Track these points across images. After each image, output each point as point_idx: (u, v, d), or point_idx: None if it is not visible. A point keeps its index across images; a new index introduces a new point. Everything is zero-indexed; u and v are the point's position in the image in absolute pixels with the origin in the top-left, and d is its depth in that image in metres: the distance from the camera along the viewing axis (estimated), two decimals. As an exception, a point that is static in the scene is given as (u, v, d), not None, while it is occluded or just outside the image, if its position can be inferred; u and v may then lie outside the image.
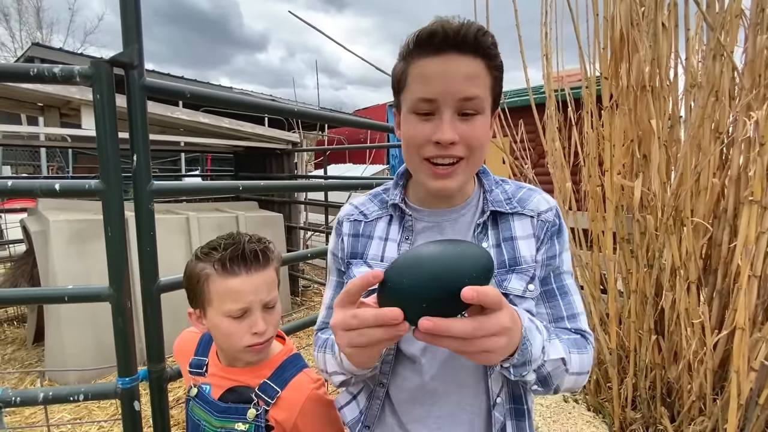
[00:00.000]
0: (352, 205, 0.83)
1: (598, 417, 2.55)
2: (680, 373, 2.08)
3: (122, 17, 0.97)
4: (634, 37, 1.86)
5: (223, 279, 0.80)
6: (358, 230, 0.80)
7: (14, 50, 22.01)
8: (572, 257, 2.53)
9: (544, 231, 0.72)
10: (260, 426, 0.82)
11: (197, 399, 0.88)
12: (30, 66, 0.95)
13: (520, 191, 0.76)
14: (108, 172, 0.96)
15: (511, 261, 0.70)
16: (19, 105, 3.83)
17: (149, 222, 1.03)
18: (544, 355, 0.59)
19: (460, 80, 0.61)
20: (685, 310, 1.96)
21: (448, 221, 0.74)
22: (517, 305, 0.67)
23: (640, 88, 1.93)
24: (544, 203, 0.74)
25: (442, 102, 0.62)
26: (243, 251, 0.81)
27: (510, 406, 0.71)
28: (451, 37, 0.59)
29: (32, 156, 8.85)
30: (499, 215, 0.73)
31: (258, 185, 1.32)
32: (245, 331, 0.81)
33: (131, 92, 0.99)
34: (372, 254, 0.76)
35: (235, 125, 3.83)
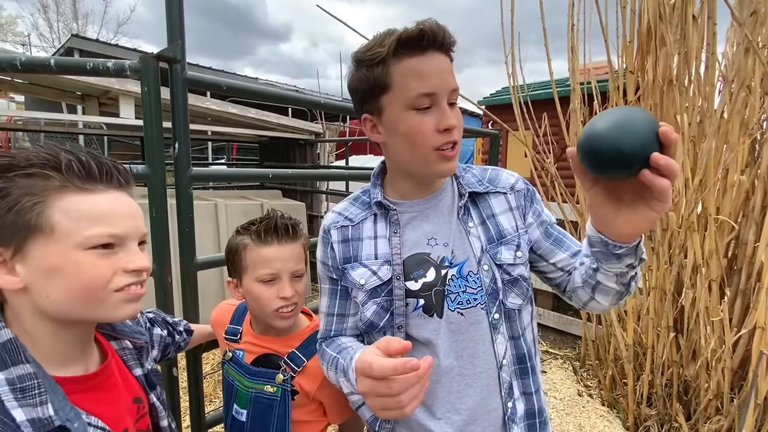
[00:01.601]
0: (335, 212, 0.86)
1: (612, 412, 2.56)
2: (698, 371, 2.07)
3: (167, 16, 1.05)
4: (662, 30, 1.83)
5: (258, 247, 0.90)
6: (346, 235, 0.82)
7: (52, 41, 22.98)
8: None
9: (522, 198, 0.81)
10: (286, 390, 0.91)
11: (232, 362, 0.97)
12: (87, 60, 1.04)
13: (487, 172, 0.84)
14: (153, 159, 1.05)
15: (497, 235, 0.78)
16: (61, 94, 4.05)
17: (188, 205, 1.12)
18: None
19: (447, 74, 0.69)
20: (705, 309, 1.95)
21: (430, 207, 0.79)
22: (511, 272, 0.76)
23: (666, 83, 1.90)
24: (511, 178, 0.83)
25: (440, 95, 0.68)
26: (276, 224, 0.91)
27: (515, 367, 0.77)
28: (433, 38, 0.67)
29: (70, 142, 9.31)
30: (476, 195, 0.80)
31: (286, 173, 1.39)
32: (274, 295, 0.89)
33: (174, 85, 1.07)
34: (366, 254, 0.79)
35: (261, 115, 3.94)
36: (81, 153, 0.57)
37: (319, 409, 0.97)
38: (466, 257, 0.76)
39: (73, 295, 0.55)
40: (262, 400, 0.92)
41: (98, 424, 0.57)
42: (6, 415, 0.49)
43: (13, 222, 0.51)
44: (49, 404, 0.52)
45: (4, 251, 0.53)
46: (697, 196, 1.88)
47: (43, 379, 0.53)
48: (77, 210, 0.54)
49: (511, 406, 0.76)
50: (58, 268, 0.54)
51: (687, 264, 2.03)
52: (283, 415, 0.91)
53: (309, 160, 4.84)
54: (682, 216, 1.96)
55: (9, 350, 0.53)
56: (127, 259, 0.58)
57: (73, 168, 0.54)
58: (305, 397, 0.93)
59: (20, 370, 0.52)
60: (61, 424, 0.52)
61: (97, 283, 0.55)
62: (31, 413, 0.51)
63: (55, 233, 0.53)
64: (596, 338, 2.84)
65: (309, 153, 4.85)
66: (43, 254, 0.53)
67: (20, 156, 0.53)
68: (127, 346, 0.74)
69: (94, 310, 0.57)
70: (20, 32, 24.65)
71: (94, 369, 0.63)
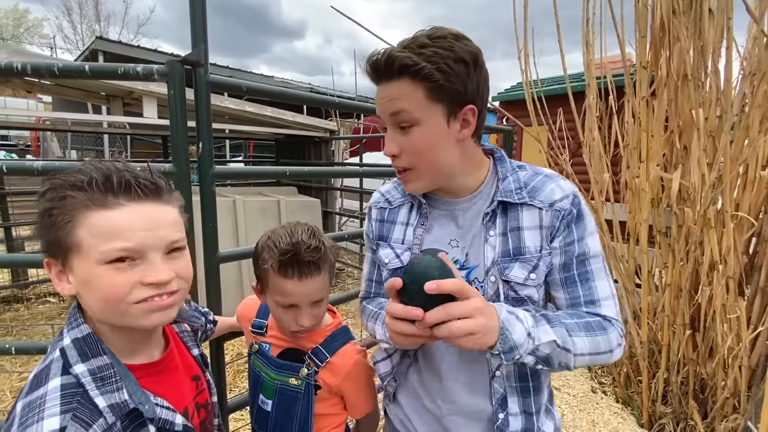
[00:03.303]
0: (380, 193, 0.94)
1: (626, 409, 2.55)
2: (715, 369, 2.05)
3: (191, 21, 1.11)
4: (676, 25, 1.81)
5: (278, 278, 0.87)
6: (383, 216, 0.90)
7: (76, 42, 23.71)
8: (606, 248, 2.51)
9: (559, 219, 0.73)
10: (310, 384, 0.95)
11: (258, 354, 1.01)
12: (118, 65, 1.11)
13: (535, 179, 0.77)
14: (179, 157, 1.12)
15: (515, 250, 0.74)
16: (87, 95, 4.22)
17: (211, 201, 1.19)
18: (533, 340, 0.65)
19: (386, 101, 0.72)
20: (722, 306, 1.93)
21: (460, 210, 0.80)
22: (519, 292, 0.73)
23: (681, 78, 1.87)
24: (558, 192, 0.75)
25: (383, 119, 0.75)
26: (299, 260, 0.85)
27: (516, 384, 0.77)
28: (373, 72, 0.71)
29: (95, 142, 9.63)
30: (509, 205, 0.76)
31: (303, 170, 1.45)
32: (291, 319, 0.90)
33: (198, 87, 1.13)
34: (395, 238, 0.86)
35: (277, 113, 4.02)
36: (108, 168, 0.59)
37: (340, 403, 1.01)
38: (477, 263, 0.77)
39: (100, 306, 0.59)
40: (287, 392, 0.96)
41: (164, 404, 0.64)
42: (90, 403, 0.56)
43: (56, 239, 0.57)
44: (124, 390, 0.59)
45: (57, 263, 0.59)
46: (714, 191, 1.86)
47: (118, 368, 0.60)
48: (96, 226, 0.56)
49: (502, 417, 0.76)
50: (87, 282, 0.57)
51: (704, 261, 2.01)
52: (307, 407, 0.95)
53: (324, 157, 4.91)
54: (698, 212, 1.94)
55: (88, 344, 0.60)
56: (145, 272, 0.58)
57: (94, 185, 0.57)
58: (327, 392, 0.97)
59: (99, 361, 0.59)
60: (134, 407, 0.59)
61: (116, 297, 0.57)
62: (110, 399, 0.57)
63: (82, 249, 0.56)
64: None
65: (324, 150, 4.92)
66: (78, 268, 0.57)
67: (63, 177, 0.59)
68: (186, 328, 0.82)
69: (121, 319, 0.60)
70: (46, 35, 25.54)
71: (158, 355, 0.70)
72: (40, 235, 0.58)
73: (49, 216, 0.57)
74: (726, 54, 1.86)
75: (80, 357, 0.58)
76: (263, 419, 0.98)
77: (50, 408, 0.53)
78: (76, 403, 0.55)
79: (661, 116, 2.05)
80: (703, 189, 1.89)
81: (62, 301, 3.97)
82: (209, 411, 0.80)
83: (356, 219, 5.28)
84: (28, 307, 3.80)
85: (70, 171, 0.59)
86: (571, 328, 0.70)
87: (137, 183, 0.59)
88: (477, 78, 0.70)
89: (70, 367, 0.57)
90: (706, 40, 1.83)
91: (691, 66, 1.85)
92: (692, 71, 1.85)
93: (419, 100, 0.69)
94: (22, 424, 0.52)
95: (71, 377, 0.57)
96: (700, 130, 1.84)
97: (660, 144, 2.07)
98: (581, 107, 2.56)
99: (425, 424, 0.86)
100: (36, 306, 3.85)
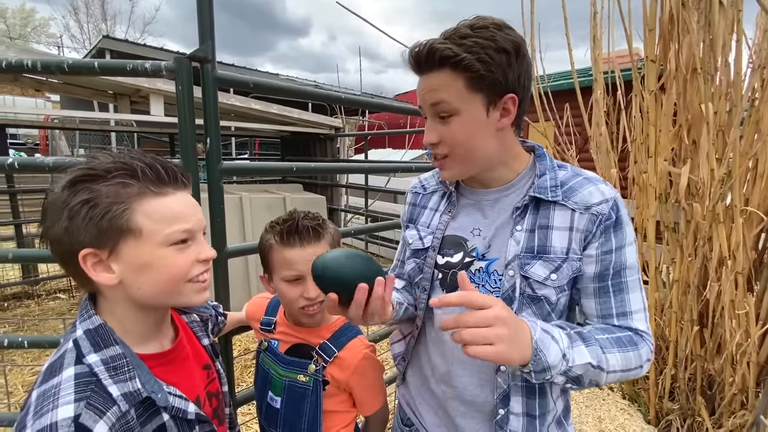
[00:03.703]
0: (418, 179, 0.99)
1: (633, 405, 2.54)
2: (723, 365, 2.03)
3: (198, 17, 1.11)
4: (685, 17, 1.78)
5: (281, 249, 0.91)
6: (416, 201, 0.95)
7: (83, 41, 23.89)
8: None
9: (596, 224, 0.71)
10: (318, 380, 0.95)
11: (267, 351, 1.02)
12: (126, 62, 1.12)
13: (573, 179, 0.75)
14: (187, 153, 1.13)
15: (539, 248, 0.73)
16: (95, 93, 4.25)
17: (219, 196, 1.20)
18: (567, 362, 0.64)
19: (426, 92, 0.73)
20: (731, 302, 1.91)
21: (488, 201, 0.81)
22: (536, 290, 0.72)
23: (690, 71, 1.85)
24: (597, 195, 0.72)
25: (424, 110, 0.76)
26: (297, 226, 0.91)
27: (522, 384, 0.76)
28: (415, 63, 0.72)
29: (103, 140, 9.72)
30: (541, 202, 0.74)
31: (309, 166, 1.46)
32: (298, 294, 0.91)
33: (206, 83, 1.14)
34: (422, 221, 0.90)
35: (283, 111, 4.03)
36: (149, 158, 0.63)
37: (349, 400, 1.01)
38: (498, 256, 0.77)
39: (159, 286, 0.63)
40: (295, 389, 0.96)
41: (176, 392, 0.66)
42: (104, 391, 0.57)
43: (108, 228, 0.59)
44: (137, 379, 0.61)
45: (101, 253, 0.60)
46: (724, 186, 1.84)
47: (130, 358, 0.62)
48: (156, 212, 0.61)
49: (502, 414, 0.76)
50: (148, 264, 0.62)
51: (712, 257, 1.99)
52: (315, 403, 0.95)
53: (329, 154, 4.91)
54: (706, 207, 1.92)
55: (101, 334, 0.61)
56: (198, 250, 0.66)
57: (147, 174, 0.61)
58: (336, 388, 0.97)
59: (111, 351, 0.61)
60: (147, 396, 0.61)
61: (179, 275, 0.64)
62: (123, 388, 0.59)
63: (143, 234, 0.61)
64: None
65: (329, 147, 4.93)
66: (134, 253, 0.61)
67: (99, 166, 0.60)
68: (195, 319, 0.84)
69: (176, 298, 0.66)
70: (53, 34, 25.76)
71: (168, 345, 0.72)
72: (78, 227, 0.58)
73: (94, 206, 0.58)
74: (736, 47, 1.84)
75: (93, 347, 0.60)
76: (272, 417, 0.99)
77: (65, 396, 0.54)
78: (90, 392, 0.56)
79: (669, 110, 2.03)
80: (712, 184, 1.87)
81: (72, 297, 4.02)
82: (220, 400, 0.81)
83: (361, 216, 5.28)
84: (38, 303, 3.86)
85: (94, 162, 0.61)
86: (605, 344, 0.68)
87: (180, 172, 0.66)
88: (518, 67, 0.70)
89: (83, 357, 0.58)
90: (716, 33, 1.80)
91: (700, 59, 1.83)
92: (702, 64, 1.83)
93: (459, 90, 0.69)
94: (38, 412, 0.53)
95: (85, 367, 0.58)
96: (710, 125, 1.82)
97: (668, 139, 2.05)
98: (588, 102, 2.55)
99: (428, 407, 0.88)
100: (46, 302, 3.91)
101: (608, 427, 2.34)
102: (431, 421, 0.87)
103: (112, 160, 0.61)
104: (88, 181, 0.59)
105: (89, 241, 0.59)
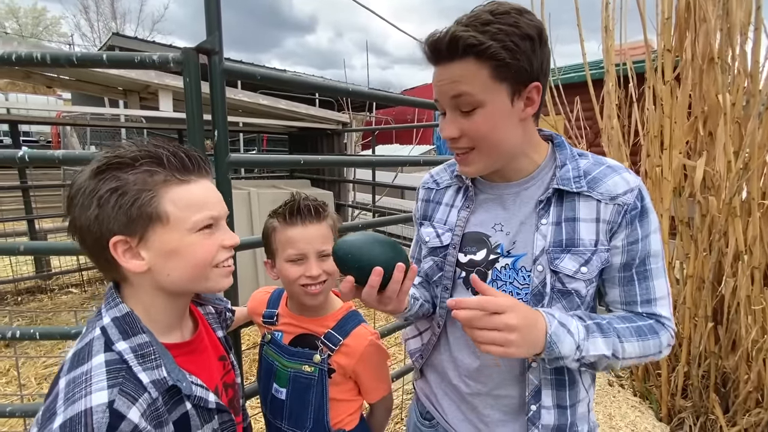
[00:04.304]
0: (430, 174, 0.95)
1: (644, 403, 2.51)
2: (738, 362, 1.99)
3: (206, 9, 1.11)
4: (702, 5, 1.73)
5: (284, 229, 0.94)
6: (429, 197, 0.91)
7: (93, 40, 24.16)
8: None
9: (622, 215, 0.70)
10: (323, 370, 0.95)
11: (271, 344, 1.02)
12: (134, 54, 1.12)
13: (596, 169, 0.73)
14: (195, 145, 1.12)
15: (568, 241, 0.71)
16: (105, 90, 4.29)
17: (227, 188, 1.19)
18: (580, 352, 0.65)
19: (446, 83, 0.68)
20: (747, 297, 1.87)
21: (509, 194, 0.78)
22: (566, 284, 0.71)
23: (707, 61, 1.80)
24: (622, 185, 0.71)
25: (441, 103, 0.72)
26: (299, 206, 0.95)
27: (551, 377, 0.75)
28: (433, 52, 0.68)
29: (113, 136, 9.83)
30: (565, 194, 0.73)
31: (317, 159, 1.45)
32: (301, 273, 0.93)
33: (213, 75, 1.13)
34: (438, 218, 0.87)
35: (290, 106, 4.03)
36: (172, 147, 0.64)
37: (354, 388, 1.01)
38: (525, 252, 0.74)
39: (188, 272, 0.64)
40: (300, 380, 0.96)
41: (198, 382, 0.66)
42: (135, 378, 0.57)
43: (137, 215, 0.59)
44: (163, 367, 0.61)
45: (131, 240, 0.60)
46: (740, 179, 1.79)
47: (156, 346, 0.62)
48: (182, 199, 0.62)
49: (534, 410, 0.75)
50: (176, 250, 0.62)
51: (728, 251, 1.95)
52: (321, 393, 0.95)
53: (336, 150, 4.91)
54: (722, 200, 1.87)
55: (128, 322, 0.62)
56: (223, 236, 0.67)
57: (172, 162, 0.62)
58: (342, 376, 0.97)
59: (139, 339, 0.61)
60: (173, 384, 0.61)
61: (206, 260, 0.65)
62: (152, 375, 0.59)
63: (170, 221, 0.61)
64: (629, 328, 2.77)
65: (336, 143, 4.92)
66: (162, 240, 0.61)
67: (126, 154, 0.60)
68: (210, 311, 0.84)
69: (203, 283, 0.67)
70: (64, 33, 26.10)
71: (188, 335, 0.72)
72: (108, 215, 0.58)
73: (123, 194, 0.58)
74: (754, 35, 1.78)
75: (121, 335, 0.60)
76: (278, 408, 0.99)
77: (97, 383, 0.54)
78: (122, 378, 0.56)
79: (684, 102, 1.98)
80: (728, 177, 1.83)
81: (83, 292, 4.08)
82: (236, 391, 0.81)
83: (369, 212, 5.28)
84: (51, 298, 3.93)
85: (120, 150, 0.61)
86: (623, 333, 0.69)
87: (204, 161, 0.67)
88: (541, 54, 0.68)
89: (112, 345, 0.59)
90: (733, 22, 1.75)
91: (717, 48, 1.78)
92: (719, 54, 1.78)
93: (483, 81, 0.66)
94: (69, 398, 0.53)
95: (114, 354, 0.58)
96: (727, 116, 1.78)
97: (683, 131, 2.00)
98: (599, 95, 2.50)
99: (450, 402, 0.86)
100: (59, 296, 3.97)
101: (619, 424, 2.31)
102: (455, 415, 0.86)
103: (137, 149, 0.61)
104: (115, 169, 0.59)
105: (119, 229, 0.59)
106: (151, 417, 0.57)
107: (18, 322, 3.35)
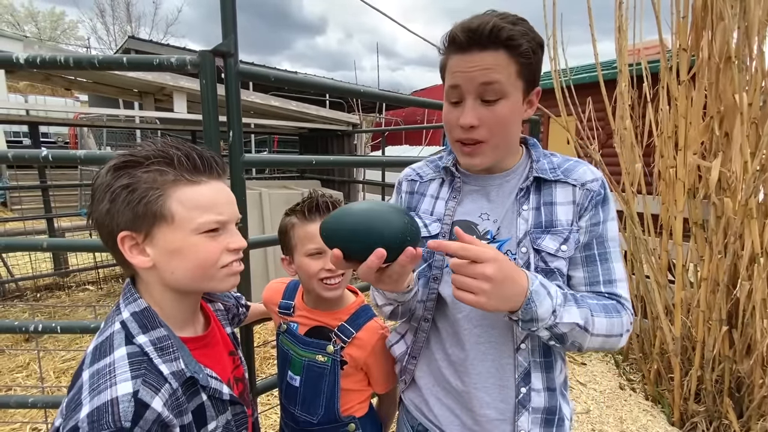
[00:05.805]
0: (411, 168, 0.97)
1: (656, 407, 2.48)
2: (752, 366, 1.96)
3: (222, 13, 1.13)
4: (719, 3, 1.71)
5: (303, 225, 0.98)
6: (414, 188, 0.93)
7: (109, 43, 24.66)
8: (637, 241, 2.42)
9: (588, 199, 0.77)
10: (336, 360, 0.99)
11: (287, 333, 1.06)
12: (153, 57, 1.15)
13: (567, 163, 0.82)
14: (211, 146, 1.15)
15: (547, 223, 0.77)
16: (121, 92, 4.39)
17: (241, 188, 1.22)
18: (555, 317, 0.67)
19: (478, 70, 0.70)
20: (763, 301, 1.83)
21: (492, 186, 0.82)
22: (549, 263, 0.75)
23: (724, 60, 1.78)
24: (589, 174, 0.79)
25: (464, 89, 0.72)
26: (317, 203, 0.98)
27: (540, 359, 0.78)
28: (470, 37, 0.69)
29: (128, 137, 10.03)
30: (542, 182, 0.79)
31: (328, 159, 1.47)
32: (320, 267, 0.96)
33: (229, 77, 1.16)
34: (423, 209, 0.89)
35: (301, 107, 4.07)
36: (186, 148, 0.65)
37: (364, 379, 1.04)
38: (509, 236, 0.79)
39: (191, 271, 0.64)
40: (314, 369, 1.00)
41: (213, 374, 0.68)
42: (156, 370, 0.60)
43: (144, 212, 0.61)
44: (181, 360, 0.63)
45: (137, 236, 0.62)
46: (757, 181, 1.76)
47: (174, 339, 0.64)
48: (190, 200, 0.62)
49: (524, 392, 0.77)
50: (179, 250, 0.63)
51: (744, 254, 1.91)
52: (333, 382, 0.99)
53: (347, 151, 4.94)
54: (738, 202, 1.85)
55: (146, 316, 0.64)
56: (229, 239, 0.66)
57: (183, 163, 0.63)
58: (354, 367, 1.00)
59: (158, 332, 0.63)
60: (191, 375, 0.63)
61: (210, 261, 0.65)
62: (171, 367, 0.61)
63: (176, 221, 0.62)
64: (641, 332, 2.73)
65: (347, 144, 4.95)
66: (166, 238, 0.62)
67: (140, 153, 0.62)
68: (220, 307, 0.87)
69: (207, 283, 0.67)
70: (81, 36, 26.67)
71: (201, 330, 0.74)
72: (118, 210, 0.60)
73: (132, 191, 0.60)
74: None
75: (141, 329, 0.62)
76: (292, 395, 1.02)
77: (121, 374, 0.56)
78: (144, 370, 0.58)
79: (699, 102, 1.95)
80: (744, 178, 1.80)
81: (100, 289, 4.18)
82: (246, 385, 0.84)
83: (378, 212, 5.29)
84: (68, 294, 4.03)
85: (136, 149, 0.63)
86: (594, 308, 0.72)
87: (216, 162, 0.66)
88: (541, 63, 0.74)
89: (132, 338, 0.61)
90: (751, 20, 1.72)
91: (734, 47, 1.75)
92: (736, 53, 1.75)
93: (511, 75, 0.70)
94: (94, 389, 0.55)
95: (135, 347, 0.60)
96: (744, 115, 1.75)
97: (698, 131, 1.97)
98: (611, 96, 2.47)
99: (443, 407, 0.86)
100: (76, 293, 4.07)
101: (630, 428, 2.29)
102: (448, 421, 0.85)
103: (153, 148, 0.63)
104: (130, 167, 0.61)
105: (126, 224, 0.61)
106: (173, 406, 0.59)
107: (37, 318, 3.44)
